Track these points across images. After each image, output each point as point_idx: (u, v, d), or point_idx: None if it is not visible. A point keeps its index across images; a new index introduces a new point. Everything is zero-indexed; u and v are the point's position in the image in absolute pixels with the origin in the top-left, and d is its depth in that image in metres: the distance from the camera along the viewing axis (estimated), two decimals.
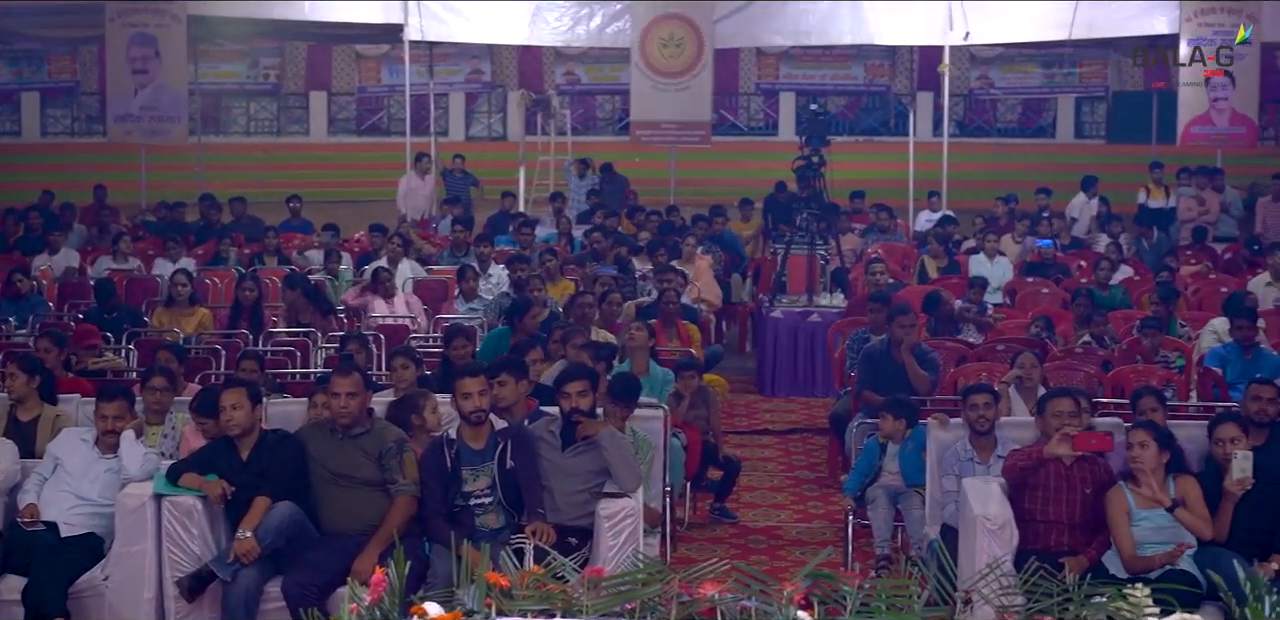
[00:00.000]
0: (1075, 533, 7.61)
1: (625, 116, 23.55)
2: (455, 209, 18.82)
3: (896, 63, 29.23)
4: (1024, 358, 9.79)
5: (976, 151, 27.03)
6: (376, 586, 5.26)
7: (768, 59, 29.52)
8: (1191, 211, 18.79)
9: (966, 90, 28.99)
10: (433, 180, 20.49)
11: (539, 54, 28.79)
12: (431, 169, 20.54)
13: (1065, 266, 15.43)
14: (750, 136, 29.81)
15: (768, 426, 12.71)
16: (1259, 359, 10.89)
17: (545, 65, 29.57)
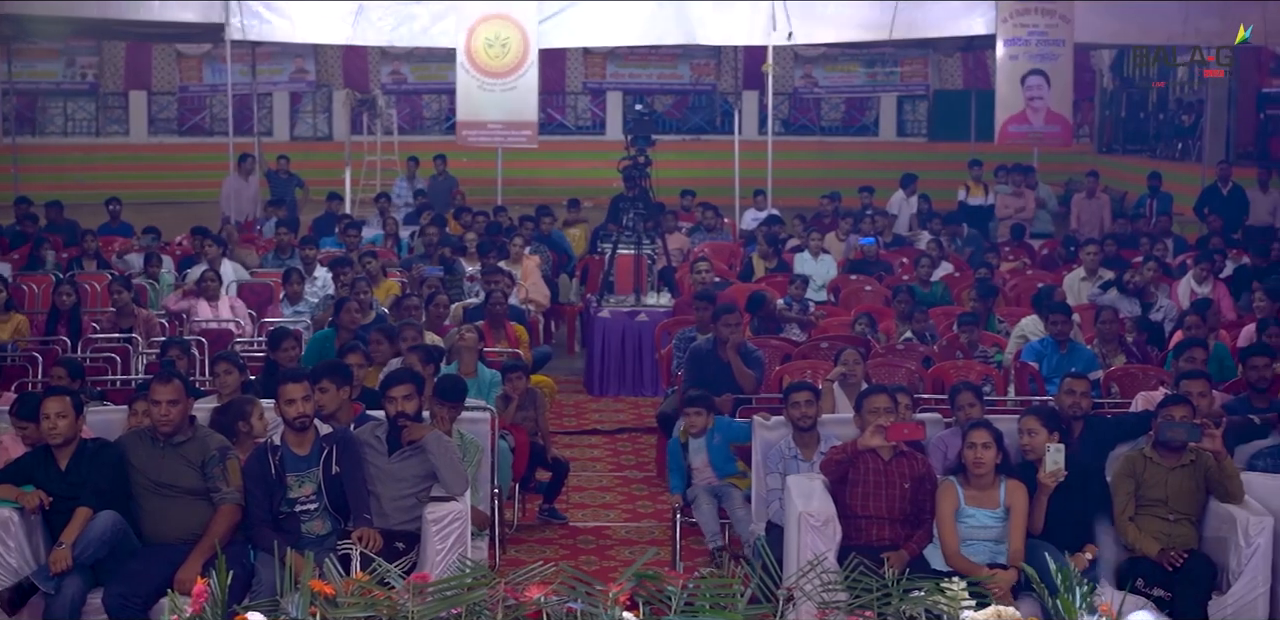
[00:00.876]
0: (896, 527, 7.75)
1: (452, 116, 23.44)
2: (280, 211, 18.61)
3: (722, 62, 29.46)
4: (847, 355, 9.93)
5: (801, 150, 27.36)
6: (198, 597, 5.21)
7: (595, 58, 29.61)
8: (1009, 209, 19.19)
9: (791, 89, 29.31)
10: (257, 181, 20.24)
11: (364, 53, 28.58)
12: (256, 170, 20.29)
13: (888, 264, 15.67)
14: (578, 136, 29.87)
15: (596, 426, 12.76)
16: (1073, 353, 11.15)
17: (371, 64, 29.35)
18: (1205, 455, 7.85)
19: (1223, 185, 19.35)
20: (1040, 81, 19.34)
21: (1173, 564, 7.60)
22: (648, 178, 14.42)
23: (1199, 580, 7.59)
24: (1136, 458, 7.99)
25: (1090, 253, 14.61)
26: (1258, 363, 9.58)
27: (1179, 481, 7.87)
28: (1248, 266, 14.97)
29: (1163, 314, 12.99)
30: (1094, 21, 19.67)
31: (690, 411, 9.28)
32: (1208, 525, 7.92)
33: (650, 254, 14.72)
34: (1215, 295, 13.65)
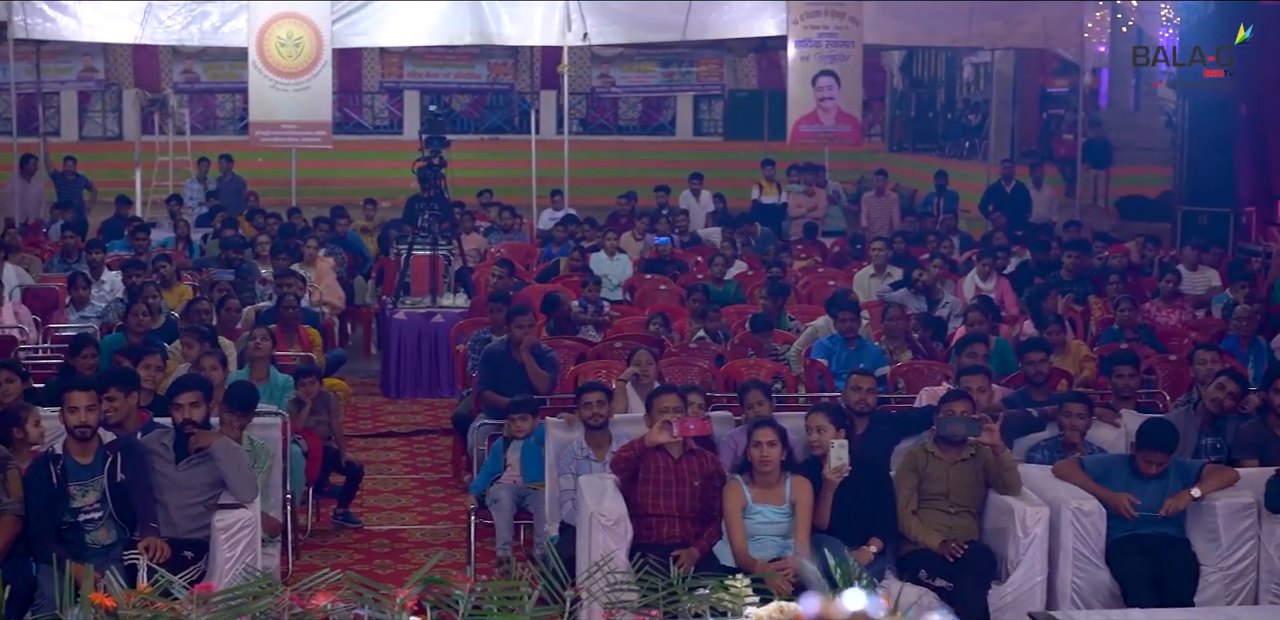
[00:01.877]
0: (687, 524, 7.85)
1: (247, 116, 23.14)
2: (66, 213, 18.20)
3: (520, 62, 29.46)
4: (640, 355, 10.02)
5: (599, 149, 27.49)
6: None
7: (391, 58, 29.38)
8: (801, 207, 19.49)
9: (589, 89, 29.40)
10: (41, 183, 19.77)
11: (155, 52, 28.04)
12: (39, 171, 19.82)
13: (683, 263, 15.82)
14: (375, 135, 29.66)
15: (392, 429, 12.71)
16: (861, 350, 11.38)
17: (163, 63, 28.80)
18: (984, 449, 8.08)
19: (1006, 183, 19.86)
20: (831, 82, 19.69)
21: (954, 555, 7.81)
22: (443, 178, 14.38)
23: (979, 570, 7.81)
24: (918, 452, 8.19)
25: (878, 250, 14.91)
26: (1034, 358, 9.88)
27: (960, 475, 8.09)
28: (1029, 263, 15.39)
29: (948, 310, 13.30)
30: (882, 23, 20.10)
31: (515, 417, 9.28)
32: (987, 517, 8.15)
33: (446, 255, 14.70)
34: (998, 291, 14.03)
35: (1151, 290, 14.04)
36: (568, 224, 17.21)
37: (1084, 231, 17.55)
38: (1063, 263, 14.57)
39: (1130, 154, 24.46)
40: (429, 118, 14.80)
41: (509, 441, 9.30)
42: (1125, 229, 19.95)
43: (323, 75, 19.08)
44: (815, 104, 19.71)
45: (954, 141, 27.95)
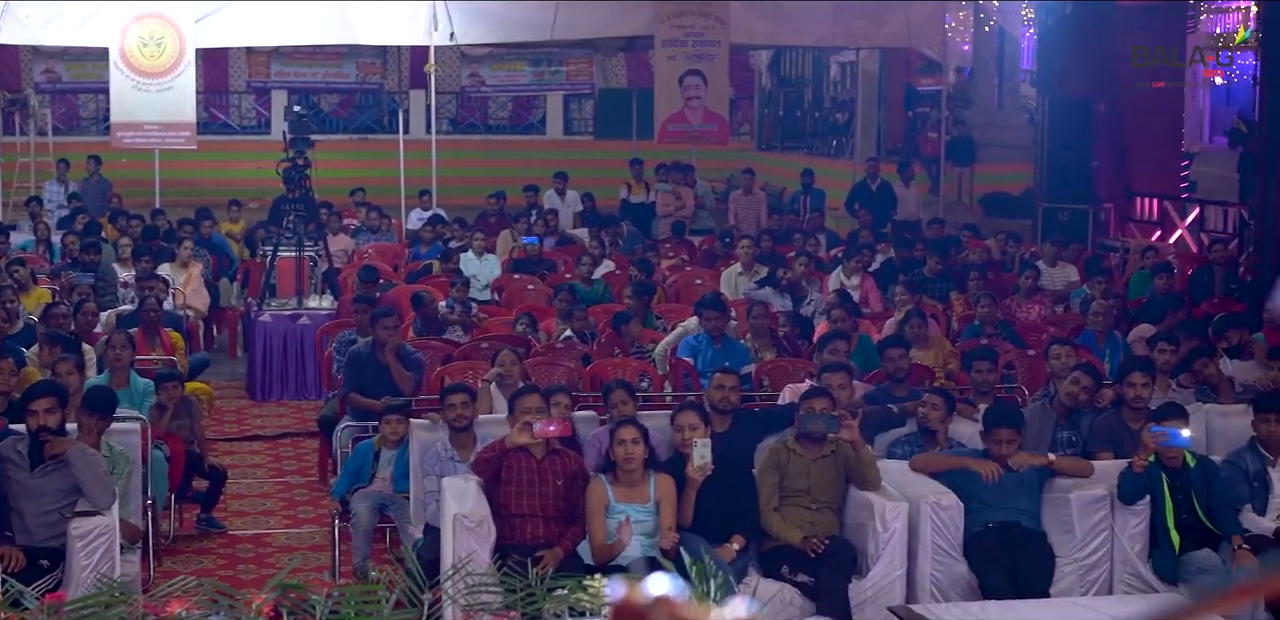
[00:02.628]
0: (550, 524, 7.87)
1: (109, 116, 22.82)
2: None
3: (388, 61, 29.29)
4: (504, 355, 10.02)
5: (468, 149, 27.41)
6: None
7: (258, 57, 29.06)
8: (669, 206, 19.57)
9: (459, 88, 29.28)
10: None
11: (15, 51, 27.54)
12: None
13: (551, 262, 15.84)
14: (242, 135, 29.35)
15: (258, 432, 12.61)
16: (728, 348, 11.46)
17: (23, 63, 28.30)
18: (845, 445, 8.18)
19: (872, 181, 20.07)
20: (698, 81, 19.77)
21: (815, 551, 7.90)
22: (308, 179, 14.28)
23: (840, 565, 7.91)
24: (780, 450, 8.28)
25: (745, 248, 15.02)
26: (893, 354, 10.01)
27: (820, 472, 8.18)
28: (894, 260, 15.57)
29: (813, 308, 13.42)
30: (748, 23, 20.22)
31: (391, 419, 9.22)
32: (848, 512, 8.26)
33: (313, 256, 14.60)
34: (863, 288, 14.19)
35: (1012, 286, 14.26)
36: (434, 224, 17.15)
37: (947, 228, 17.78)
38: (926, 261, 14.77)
39: (994, 151, 24.80)
40: (293, 118, 14.67)
41: (379, 451, 9.24)
42: (989, 225, 20.24)
43: (186, 75, 18.84)
44: (682, 103, 19.79)
45: (821, 140, 28.18)
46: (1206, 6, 26.87)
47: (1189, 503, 8.25)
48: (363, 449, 9.37)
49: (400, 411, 9.26)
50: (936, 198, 21.67)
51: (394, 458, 9.15)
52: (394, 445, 9.16)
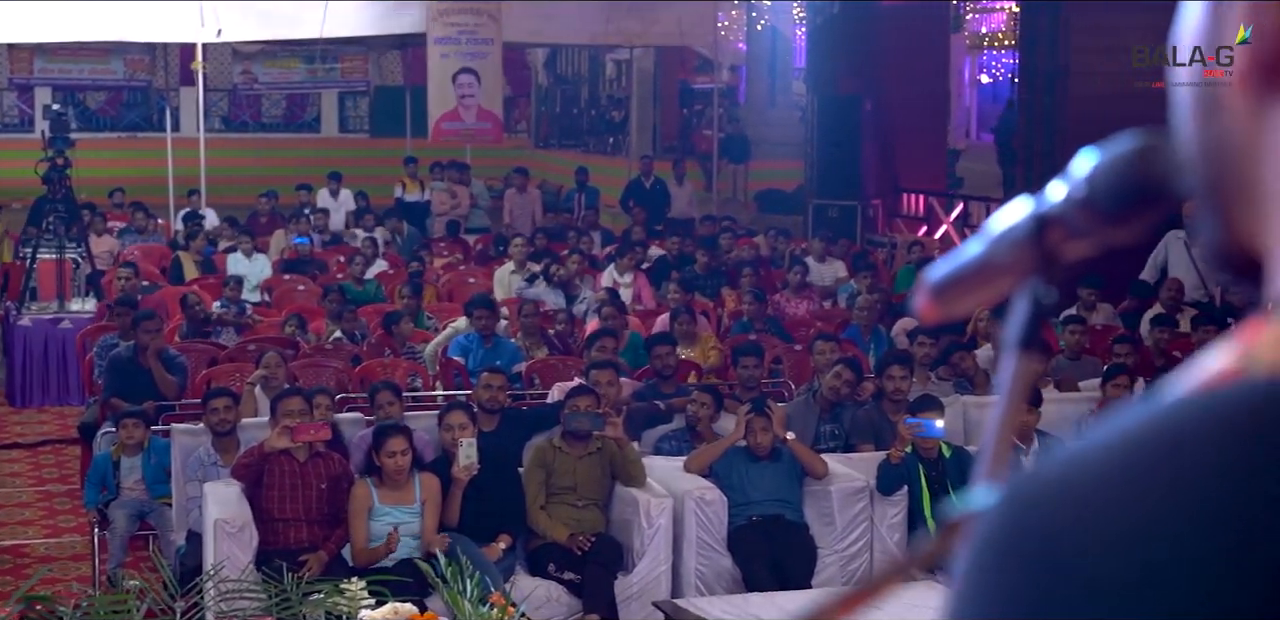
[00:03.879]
0: (314, 528, 7.82)
1: None
2: None
3: (156, 58, 28.73)
4: (269, 358, 9.91)
5: (241, 147, 26.98)
6: None
7: (21, 53, 28.30)
8: (444, 205, 19.51)
9: (230, 85, 28.85)
10: None
11: None
12: None
13: (323, 262, 15.68)
14: (5, 134, 28.54)
15: (17, 440, 12.28)
16: (498, 347, 11.47)
17: None
18: (610, 443, 8.26)
19: (646, 179, 20.21)
20: (471, 79, 19.72)
21: (581, 548, 7.96)
22: (69, 179, 13.94)
23: (606, 562, 7.99)
24: (546, 448, 8.32)
25: (518, 246, 15.03)
26: (661, 352, 10.12)
27: (586, 469, 8.25)
28: (668, 258, 15.71)
29: (586, 305, 13.49)
30: (522, 21, 20.22)
31: (127, 424, 9.04)
32: (614, 509, 8.33)
33: (75, 258, 14.26)
34: (636, 285, 14.30)
35: (781, 282, 14.49)
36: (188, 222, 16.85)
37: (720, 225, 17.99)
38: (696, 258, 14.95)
39: (767, 148, 25.18)
40: (52, 116, 14.32)
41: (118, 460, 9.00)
42: (763, 222, 20.54)
43: None
44: (456, 102, 19.72)
45: (597, 137, 28.33)
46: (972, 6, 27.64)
47: (945, 492, 8.47)
48: (100, 460, 9.16)
49: (137, 416, 9.08)
50: (711, 195, 21.92)
51: (136, 464, 8.95)
52: (134, 451, 8.97)
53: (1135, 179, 0.95)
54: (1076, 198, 0.97)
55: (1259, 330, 0.75)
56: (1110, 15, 14.17)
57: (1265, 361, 0.72)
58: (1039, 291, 1.04)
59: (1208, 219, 0.85)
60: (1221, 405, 0.70)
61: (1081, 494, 0.69)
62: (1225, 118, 0.82)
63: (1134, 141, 0.96)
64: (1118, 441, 0.71)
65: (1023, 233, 1.02)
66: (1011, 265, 1.04)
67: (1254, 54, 0.79)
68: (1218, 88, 0.82)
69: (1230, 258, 0.85)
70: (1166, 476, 0.68)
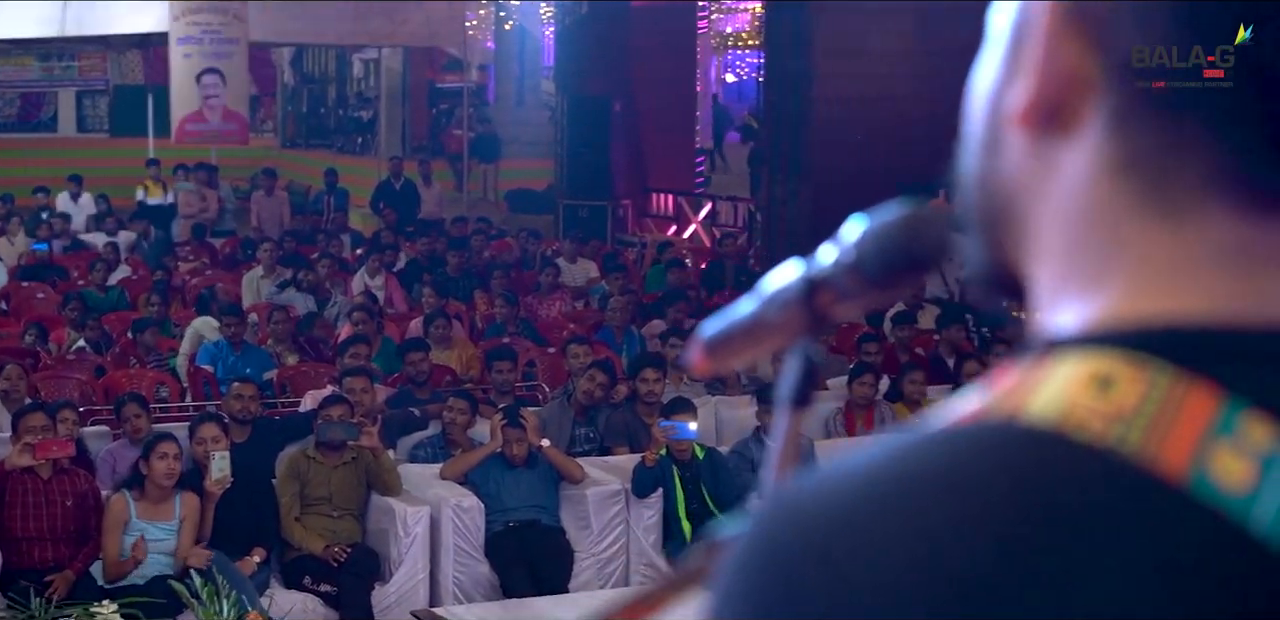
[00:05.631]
0: (60, 546, 7.60)
1: None
2: None
3: None
4: (8, 370, 9.56)
5: None
6: None
7: None
8: (191, 207, 19.11)
9: None
10: None
11: None
12: None
13: (63, 269, 15.23)
14: None
15: None
16: (248, 354, 11.27)
17: None
18: (365, 452, 8.19)
19: (396, 180, 20.04)
20: (216, 80, 19.35)
21: (337, 559, 7.89)
22: None
23: (363, 573, 7.93)
24: (299, 458, 8.22)
25: (267, 250, 14.79)
26: (415, 357, 10.05)
27: (341, 479, 8.17)
28: (419, 260, 15.61)
29: (337, 310, 13.33)
30: (267, 20, 19.91)
31: None
32: (370, 518, 8.27)
33: None
34: (387, 288, 14.18)
35: (534, 284, 14.49)
36: None
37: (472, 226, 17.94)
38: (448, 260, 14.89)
39: (517, 148, 25.17)
40: None
41: None
42: (514, 222, 20.53)
43: None
44: (201, 102, 19.33)
45: (346, 137, 28.01)
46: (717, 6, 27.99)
47: (699, 493, 8.58)
48: None
49: None
50: (461, 195, 21.85)
51: None
52: None
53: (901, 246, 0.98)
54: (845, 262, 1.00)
55: (1006, 376, 0.77)
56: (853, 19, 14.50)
57: (1002, 405, 0.74)
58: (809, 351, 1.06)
59: (976, 244, 0.88)
60: (956, 445, 0.74)
61: (818, 520, 0.73)
62: (1007, 153, 0.83)
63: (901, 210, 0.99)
64: (861, 470, 0.74)
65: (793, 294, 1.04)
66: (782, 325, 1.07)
67: (1037, 92, 0.80)
68: (1002, 123, 0.83)
69: (996, 281, 0.87)
70: (890, 507, 0.71)
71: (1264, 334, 0.75)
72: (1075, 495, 0.70)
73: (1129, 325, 0.76)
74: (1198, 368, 0.73)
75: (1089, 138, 0.79)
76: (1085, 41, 0.79)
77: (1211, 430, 0.71)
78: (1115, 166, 0.78)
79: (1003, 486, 0.70)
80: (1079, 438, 0.71)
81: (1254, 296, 0.77)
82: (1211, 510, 0.69)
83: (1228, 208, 0.77)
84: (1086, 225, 0.79)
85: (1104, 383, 0.73)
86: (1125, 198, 0.78)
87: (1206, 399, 0.72)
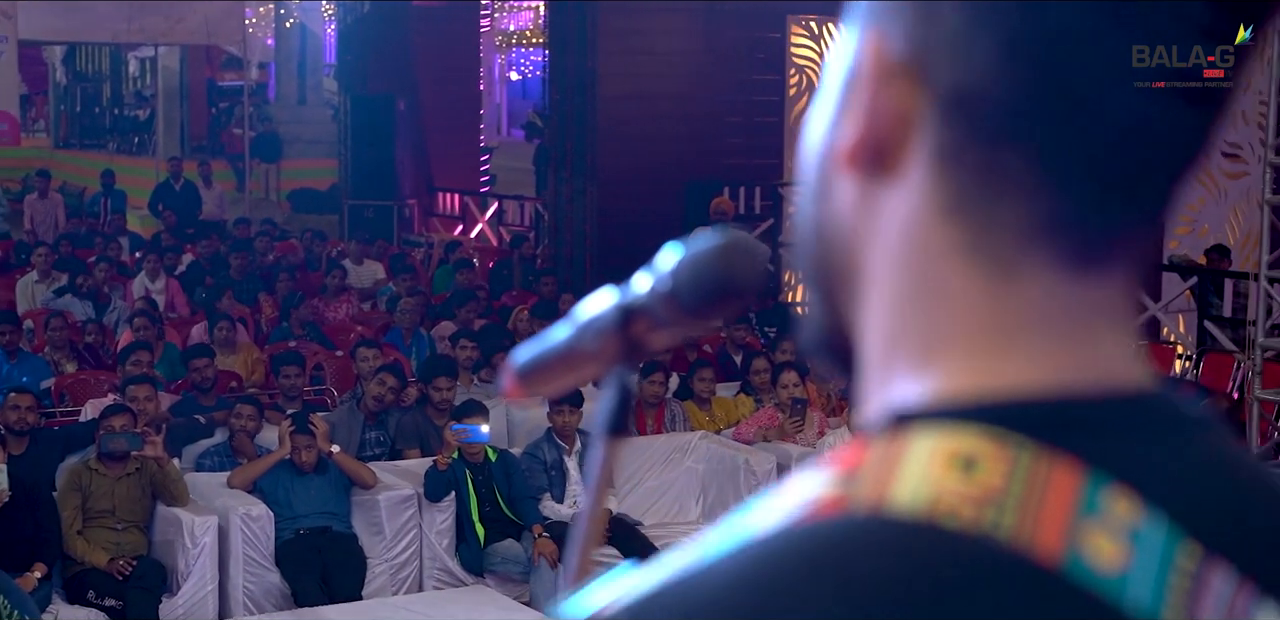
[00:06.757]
0: None
1: None
2: None
3: None
4: None
5: None
6: None
7: None
8: None
9: None
10: None
11: None
12: None
13: None
14: None
15: None
16: (24, 362, 10.95)
17: None
18: (150, 462, 8.00)
19: (175, 181, 19.62)
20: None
21: (122, 573, 7.70)
22: None
23: (149, 586, 7.76)
24: (81, 470, 8.01)
25: (41, 255, 14.38)
26: (199, 364, 9.81)
27: (125, 490, 7.98)
28: (201, 262, 15.30)
29: (117, 315, 13.02)
30: (38, 18, 19.41)
31: None
32: (156, 530, 8.09)
33: None
34: (168, 292, 13.87)
35: (319, 286, 14.29)
36: None
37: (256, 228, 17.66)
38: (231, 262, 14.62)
39: (300, 147, 24.85)
40: None
41: None
42: (297, 222, 20.26)
43: None
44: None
45: (122, 137, 27.39)
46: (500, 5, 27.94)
47: (492, 495, 8.55)
48: None
49: None
50: (243, 195, 21.48)
51: None
52: None
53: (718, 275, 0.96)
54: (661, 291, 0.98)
55: (858, 455, 0.73)
56: (636, 17, 14.55)
57: (864, 494, 0.71)
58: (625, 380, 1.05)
59: (812, 301, 0.85)
60: (824, 544, 0.70)
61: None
62: (837, 197, 0.80)
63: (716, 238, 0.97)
64: (726, 574, 0.70)
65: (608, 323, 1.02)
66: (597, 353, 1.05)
67: (863, 131, 0.78)
68: (831, 166, 0.80)
69: (828, 342, 0.84)
70: (770, 615, 0.67)
71: (1108, 402, 0.74)
72: (958, 588, 0.68)
73: (978, 400, 0.74)
74: (1054, 442, 0.71)
75: (915, 179, 0.77)
76: (910, 78, 0.76)
77: (1080, 509, 0.70)
78: (941, 210, 0.76)
79: (885, 586, 0.67)
80: (952, 526, 0.69)
81: (1090, 360, 0.75)
82: (1088, 593, 0.68)
83: (1054, 261, 0.75)
84: (915, 276, 0.77)
85: (967, 463, 0.71)
86: (952, 245, 0.76)
87: (1069, 476, 0.71)
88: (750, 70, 14.95)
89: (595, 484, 1.08)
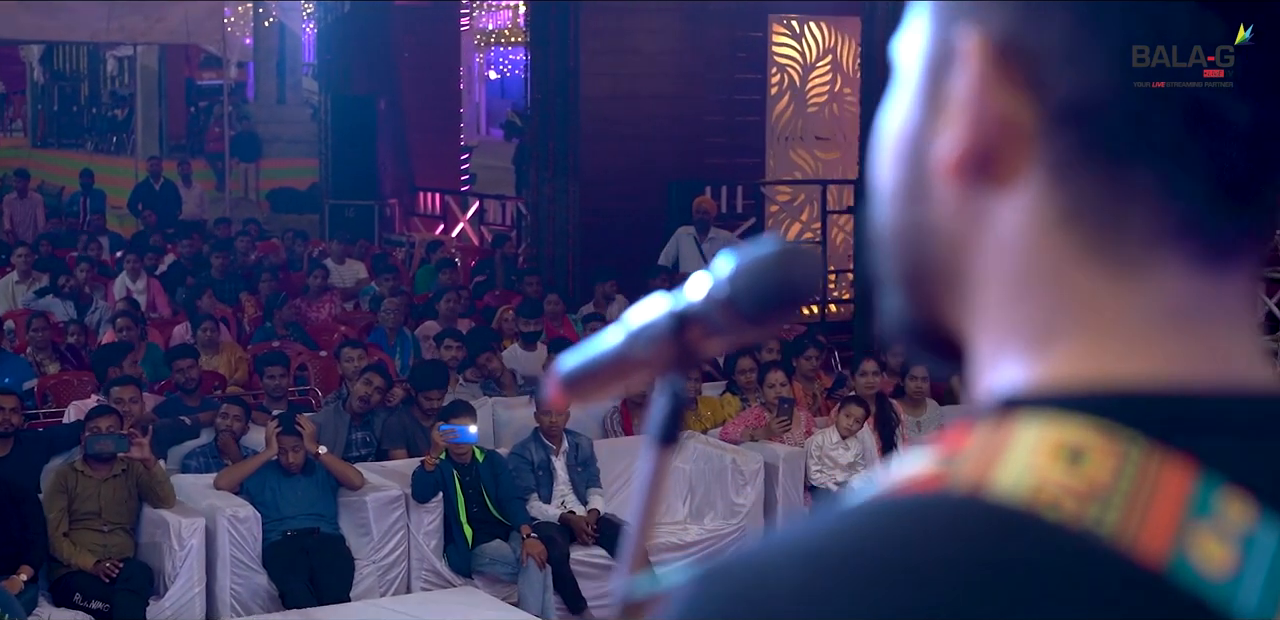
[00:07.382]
0: None
1: None
2: None
3: None
4: None
5: None
6: None
7: None
8: None
9: None
10: None
11: None
12: None
13: None
14: None
15: None
16: (6, 363, 10.89)
17: None
18: (136, 463, 7.96)
19: (155, 180, 19.56)
20: None
21: (109, 575, 7.67)
22: None
23: (136, 588, 7.72)
24: (66, 472, 7.98)
25: (21, 255, 14.32)
26: (183, 365, 9.75)
27: (111, 492, 7.94)
28: (182, 262, 15.25)
29: (99, 315, 12.97)
30: (16, 17, 19.30)
31: None
32: (143, 532, 8.06)
33: None
34: (150, 292, 13.82)
35: (302, 286, 14.24)
36: None
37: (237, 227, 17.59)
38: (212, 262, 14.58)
39: (280, 147, 24.77)
40: None
41: None
42: (278, 222, 20.19)
43: None
44: None
45: (101, 136, 27.28)
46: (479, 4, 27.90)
47: (479, 496, 8.53)
48: None
49: None
50: (223, 195, 21.41)
51: None
52: None
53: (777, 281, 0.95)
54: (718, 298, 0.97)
55: (962, 437, 0.73)
56: (617, 16, 14.53)
57: (965, 475, 0.70)
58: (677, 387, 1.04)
59: (899, 299, 0.83)
60: (917, 517, 0.69)
61: (764, 595, 0.68)
62: (934, 203, 0.79)
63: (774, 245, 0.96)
64: (813, 542, 0.70)
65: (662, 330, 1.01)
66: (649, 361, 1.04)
67: (970, 142, 0.76)
68: (928, 172, 0.79)
69: (924, 338, 0.83)
70: (848, 582, 0.67)
71: (1227, 399, 0.73)
72: (1051, 582, 0.66)
73: (1090, 389, 0.72)
74: (1168, 439, 0.70)
75: (1029, 188, 0.76)
76: (1018, 85, 0.75)
77: (1190, 510, 0.68)
78: (1060, 219, 0.75)
79: (970, 570, 0.66)
80: (1052, 518, 0.68)
81: (1211, 357, 0.74)
82: (1194, 598, 0.67)
83: (1180, 261, 0.75)
84: (1030, 280, 0.76)
85: (1074, 455, 0.69)
86: (1071, 251, 0.75)
87: (1182, 475, 0.69)
88: (732, 69, 14.93)
89: (647, 495, 1.06)
